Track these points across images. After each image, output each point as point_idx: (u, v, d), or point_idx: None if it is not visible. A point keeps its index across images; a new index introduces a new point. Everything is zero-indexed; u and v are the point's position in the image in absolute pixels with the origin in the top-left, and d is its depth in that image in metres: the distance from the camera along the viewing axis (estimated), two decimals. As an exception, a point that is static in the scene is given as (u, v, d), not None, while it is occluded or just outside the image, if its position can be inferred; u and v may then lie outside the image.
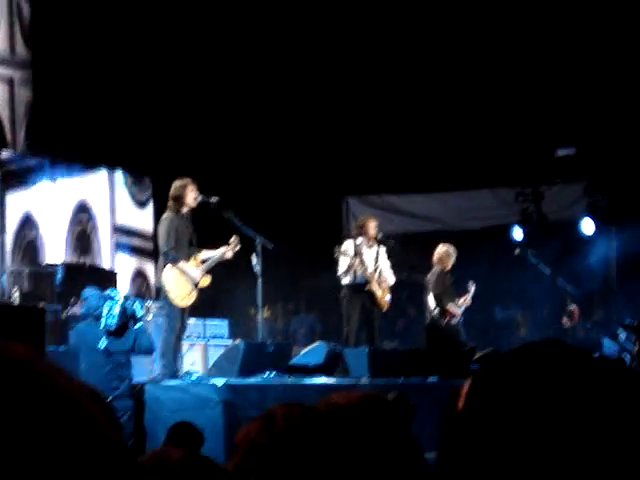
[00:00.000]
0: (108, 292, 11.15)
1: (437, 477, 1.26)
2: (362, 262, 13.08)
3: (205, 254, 11.34)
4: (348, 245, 13.23)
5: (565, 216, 18.03)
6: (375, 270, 13.21)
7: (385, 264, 13.38)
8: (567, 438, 1.19)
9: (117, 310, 10.76)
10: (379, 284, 13.20)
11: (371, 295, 13.13)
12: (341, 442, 1.86)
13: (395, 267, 13.64)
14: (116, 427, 1.03)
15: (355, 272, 13.06)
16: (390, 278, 13.37)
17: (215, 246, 11.45)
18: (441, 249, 13.88)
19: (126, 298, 11.10)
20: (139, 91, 16.20)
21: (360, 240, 13.28)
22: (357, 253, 13.09)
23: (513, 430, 1.20)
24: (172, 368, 11.00)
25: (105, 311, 10.78)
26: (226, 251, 11.39)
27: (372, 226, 13.36)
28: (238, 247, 11.46)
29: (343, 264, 13.11)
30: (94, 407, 1.00)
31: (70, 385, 1.00)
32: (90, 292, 11.22)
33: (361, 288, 13.09)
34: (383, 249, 13.44)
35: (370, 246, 13.30)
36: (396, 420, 1.86)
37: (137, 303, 11.26)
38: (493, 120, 17.42)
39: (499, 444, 1.20)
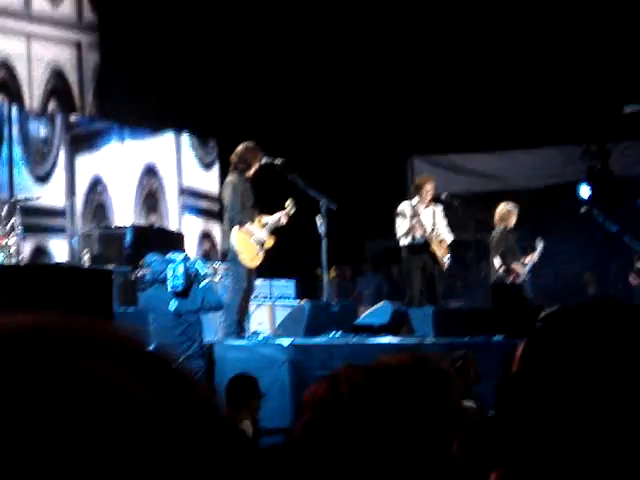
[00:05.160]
0: (169, 255, 11.27)
1: (494, 438, 1.30)
2: (420, 223, 13.04)
3: (265, 219, 11.43)
4: (405, 206, 13.18)
5: (632, 173, 17.81)
6: (433, 230, 13.17)
7: (442, 223, 13.30)
8: (618, 395, 1.20)
9: (181, 271, 10.89)
10: (438, 243, 13.16)
11: (432, 255, 13.09)
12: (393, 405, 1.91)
13: (460, 226, 13.60)
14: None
15: (414, 233, 13.02)
16: (448, 237, 13.30)
17: (274, 209, 11.54)
18: (502, 208, 13.83)
19: (187, 258, 11.22)
20: (205, 54, 16.28)
21: (416, 200, 13.22)
22: (415, 214, 13.04)
23: (566, 391, 1.22)
24: (236, 328, 11.13)
25: (169, 274, 10.92)
26: (282, 215, 11.46)
27: (429, 187, 13.27)
28: (293, 210, 11.52)
29: (401, 226, 13.09)
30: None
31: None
32: (152, 257, 11.35)
33: (420, 249, 13.05)
34: (439, 208, 13.35)
35: (426, 206, 13.23)
36: (435, 387, 1.91)
37: (199, 262, 11.41)
38: (560, 77, 17.24)
39: (552, 405, 1.23)
